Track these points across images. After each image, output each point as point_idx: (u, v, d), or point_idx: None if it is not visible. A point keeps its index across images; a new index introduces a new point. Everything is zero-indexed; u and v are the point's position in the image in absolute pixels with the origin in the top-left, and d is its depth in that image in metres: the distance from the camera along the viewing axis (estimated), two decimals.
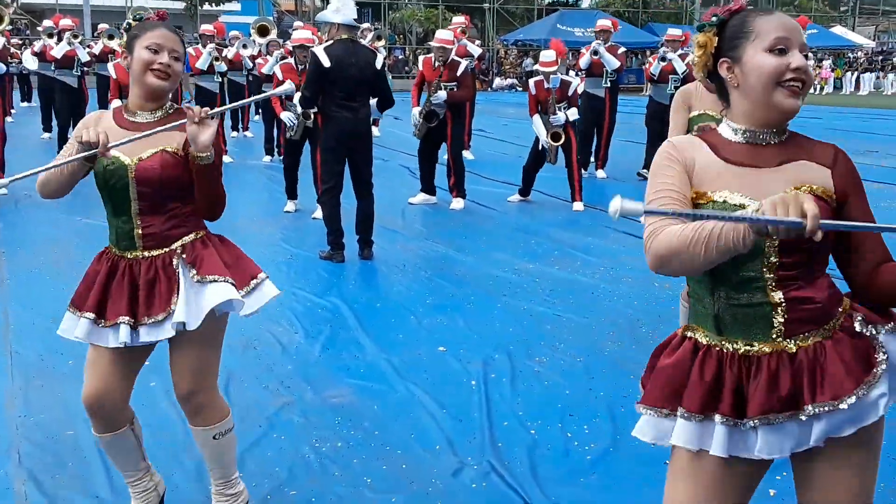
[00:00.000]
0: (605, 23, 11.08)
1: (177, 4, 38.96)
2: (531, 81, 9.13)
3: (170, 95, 2.78)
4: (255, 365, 4.42)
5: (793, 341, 1.85)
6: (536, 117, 8.84)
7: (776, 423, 1.82)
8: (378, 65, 6.48)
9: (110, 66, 7.54)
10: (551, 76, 8.82)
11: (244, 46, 13.46)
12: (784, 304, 1.84)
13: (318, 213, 8.30)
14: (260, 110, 14.04)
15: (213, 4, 38.98)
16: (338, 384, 4.20)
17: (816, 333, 1.85)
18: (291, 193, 8.74)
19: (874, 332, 1.87)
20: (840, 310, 1.89)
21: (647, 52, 17.47)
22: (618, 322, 5.23)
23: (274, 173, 11.03)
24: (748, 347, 1.87)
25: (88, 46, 12.67)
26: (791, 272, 1.84)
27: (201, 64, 12.03)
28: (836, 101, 29.75)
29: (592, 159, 11.33)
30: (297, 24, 14.71)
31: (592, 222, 8.27)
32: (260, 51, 13.20)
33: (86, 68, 11.45)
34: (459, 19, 13.29)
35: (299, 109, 7.89)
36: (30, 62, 12.70)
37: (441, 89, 8.57)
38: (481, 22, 41.06)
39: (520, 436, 3.65)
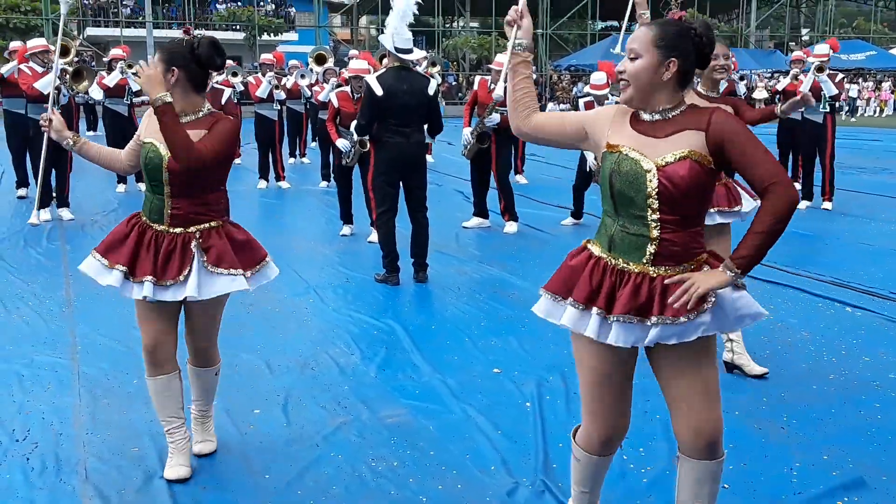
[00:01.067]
0: (823, 49, 10.77)
1: (236, 35, 39.91)
2: (581, 102, 9.17)
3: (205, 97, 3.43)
4: (313, 385, 4.49)
5: (655, 269, 2.47)
6: None
7: (628, 322, 2.46)
8: (431, 91, 6.56)
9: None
10: (604, 99, 8.84)
11: (302, 76, 13.72)
12: (657, 241, 2.46)
13: (374, 237, 8.39)
14: (317, 137, 14.25)
15: (272, 35, 39.78)
16: (393, 404, 4.25)
17: (674, 268, 2.47)
18: (347, 218, 8.87)
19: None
20: (697, 258, 2.50)
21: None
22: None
23: (330, 198, 11.19)
24: (625, 265, 2.50)
25: None
26: (668, 219, 2.45)
27: (261, 92, 12.30)
28: (890, 122, 29.11)
29: None
30: (353, 52, 14.96)
31: None
32: (317, 79, 13.44)
33: (136, 98, 11.70)
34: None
35: (355, 137, 7.99)
36: (95, 92, 13.08)
37: (495, 112, 8.64)
38: (535, 47, 41.22)
39: None
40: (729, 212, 4.51)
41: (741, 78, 10.85)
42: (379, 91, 6.40)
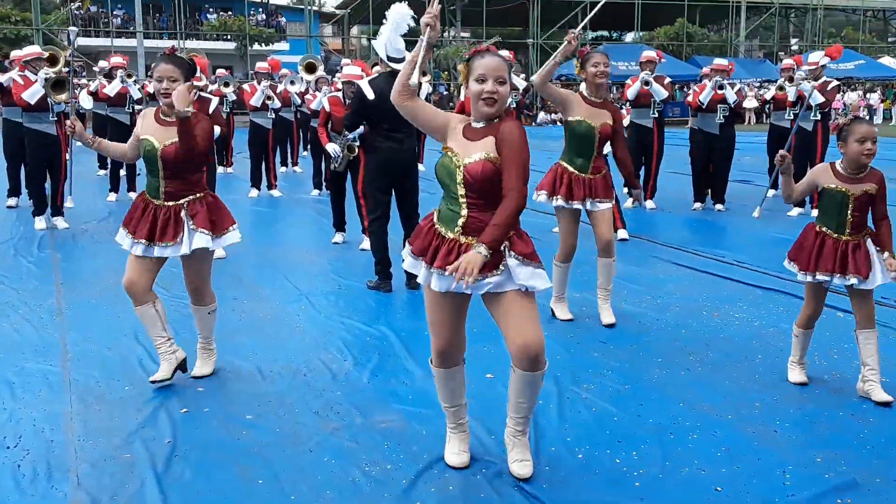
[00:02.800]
0: (650, 54, 11.06)
1: (227, 45, 39.91)
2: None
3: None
4: (306, 391, 4.48)
5: (464, 237, 3.26)
6: None
7: (441, 273, 3.25)
8: (422, 96, 6.56)
9: None
10: None
11: (291, 83, 13.71)
12: (465, 217, 3.27)
13: (366, 244, 8.40)
14: (309, 145, 14.24)
15: (263, 44, 39.79)
16: (386, 410, 4.24)
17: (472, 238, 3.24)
18: (339, 225, 8.86)
19: (507, 253, 3.25)
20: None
21: (691, 85, 17.41)
22: (665, 350, 5.21)
23: (322, 207, 11.19)
24: (447, 233, 3.30)
25: (143, 86, 12.99)
26: (473, 202, 3.26)
27: (255, 101, 12.27)
28: (886, 132, 29.20)
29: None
30: (346, 60, 14.95)
31: (638, 252, 8.25)
32: (308, 87, 13.44)
33: (137, 106, 11.72)
34: (505, 55, 13.38)
35: (348, 137, 8.03)
36: (85, 101, 13.05)
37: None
38: (525, 58, 41.35)
39: (567, 461, 3.65)
40: (603, 200, 5.67)
41: (731, 86, 10.89)
42: (371, 95, 6.42)
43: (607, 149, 5.79)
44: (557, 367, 4.80)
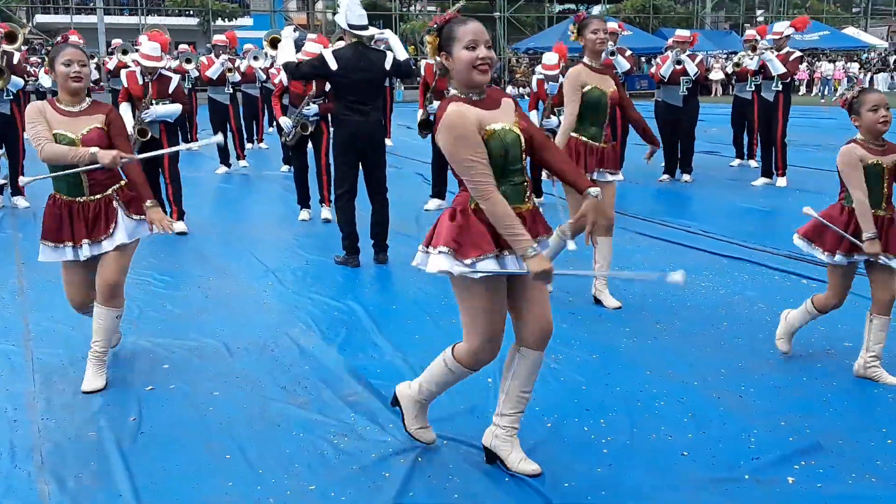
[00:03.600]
0: (612, 25, 11.02)
1: (190, 21, 39.33)
2: (534, 79, 9.27)
3: (86, 91, 4.19)
4: (273, 366, 4.46)
5: (527, 203, 3.17)
6: (533, 113, 9.08)
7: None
8: (388, 65, 6.48)
9: (123, 76, 7.67)
10: (550, 81, 8.93)
11: (255, 58, 13.54)
12: (527, 182, 3.16)
13: (326, 214, 8.43)
14: (274, 121, 14.09)
15: (226, 20, 39.24)
16: (355, 383, 4.22)
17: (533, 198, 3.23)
18: (304, 202, 8.79)
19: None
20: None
21: (657, 56, 17.42)
22: (632, 320, 5.24)
23: (289, 183, 11.09)
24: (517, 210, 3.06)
25: (104, 63, 12.80)
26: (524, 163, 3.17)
27: (212, 73, 12.13)
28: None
29: None
30: (311, 36, 14.74)
31: None
32: (272, 62, 13.27)
33: (93, 85, 11.49)
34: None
35: (306, 111, 8.07)
36: (45, 80, 12.81)
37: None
38: (492, 31, 41.17)
39: (537, 430, 3.67)
40: (613, 172, 5.60)
41: (692, 58, 10.93)
42: (333, 65, 6.30)
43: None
44: None
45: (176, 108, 7.68)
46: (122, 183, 4.18)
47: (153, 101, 7.61)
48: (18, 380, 4.28)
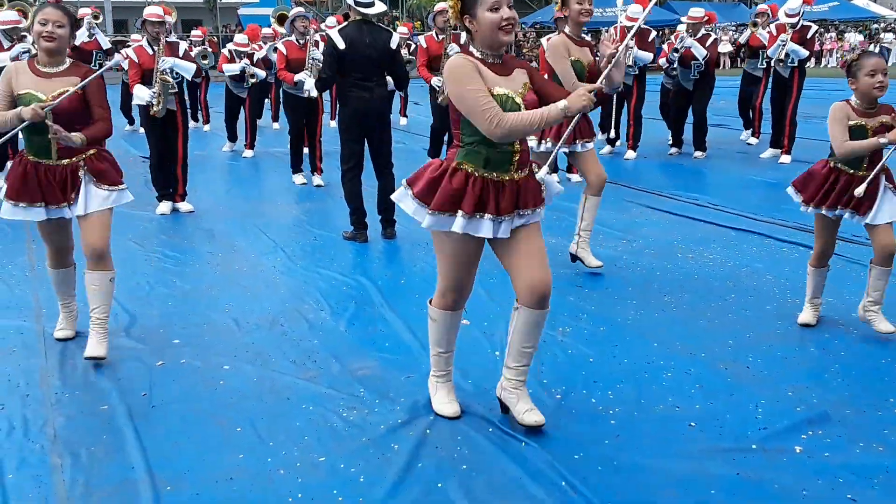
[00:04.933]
0: (634, 7, 10.74)
1: None
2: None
3: (66, 52, 4.14)
4: (282, 341, 4.48)
5: (518, 172, 3.25)
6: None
7: (516, 215, 3.27)
8: (393, 45, 6.49)
9: (130, 51, 7.57)
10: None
11: (275, 50, 13.30)
12: (520, 151, 3.23)
13: (318, 181, 9.35)
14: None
15: None
16: (364, 357, 4.25)
17: (524, 171, 3.29)
18: (297, 167, 9.52)
19: (541, 178, 3.39)
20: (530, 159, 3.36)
21: (667, 31, 17.31)
22: (640, 292, 5.25)
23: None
24: (501, 176, 3.22)
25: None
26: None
27: (228, 70, 11.62)
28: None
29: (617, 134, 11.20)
30: (330, 21, 14.59)
31: (614, 197, 8.24)
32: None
33: (108, 57, 11.39)
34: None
35: (319, 56, 8.62)
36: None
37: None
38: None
39: (545, 402, 3.68)
40: (590, 140, 5.67)
41: (702, 41, 10.80)
42: (341, 44, 6.33)
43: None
44: None
45: (191, 65, 7.58)
46: (91, 152, 4.11)
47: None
48: (31, 355, 4.31)
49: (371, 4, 6.41)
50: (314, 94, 8.85)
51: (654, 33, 10.95)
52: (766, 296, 5.11)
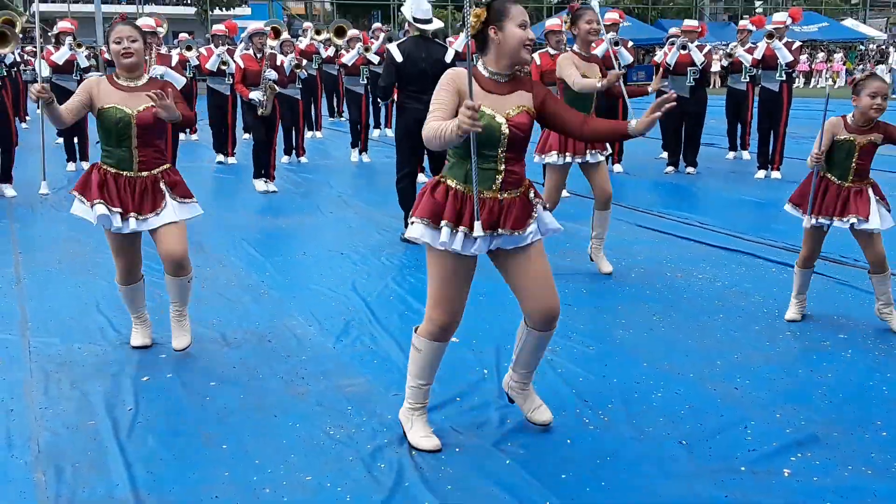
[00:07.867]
0: (612, 15, 10.93)
1: (188, 10, 39.21)
2: (536, 54, 9.31)
3: (143, 66, 4.35)
4: (270, 357, 4.46)
5: (502, 193, 3.25)
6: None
7: (494, 235, 3.25)
8: (448, 59, 6.91)
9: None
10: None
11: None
12: (503, 172, 3.24)
13: (272, 187, 9.83)
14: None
15: (224, 9, 39.12)
16: (352, 374, 4.23)
17: (512, 193, 3.27)
18: (268, 174, 9.92)
19: (535, 201, 3.33)
20: (525, 183, 3.33)
21: (656, 49, 17.38)
22: (629, 311, 5.25)
23: (288, 173, 11.16)
24: (483, 192, 3.21)
25: (100, 52, 12.63)
26: (511, 156, 3.24)
27: (211, 65, 12.02)
28: (847, 93, 29.50)
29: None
30: (307, 25, 14.72)
31: None
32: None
33: (85, 74, 11.35)
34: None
35: (266, 75, 9.23)
36: (45, 70, 12.73)
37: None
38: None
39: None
40: (602, 152, 5.99)
41: (700, 48, 10.89)
42: (399, 58, 6.80)
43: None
44: None
45: (181, 77, 7.84)
46: (167, 167, 4.36)
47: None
48: (16, 368, 4.27)
49: (429, 21, 6.99)
50: (267, 111, 9.42)
51: (631, 42, 11.12)
52: (754, 317, 5.12)
